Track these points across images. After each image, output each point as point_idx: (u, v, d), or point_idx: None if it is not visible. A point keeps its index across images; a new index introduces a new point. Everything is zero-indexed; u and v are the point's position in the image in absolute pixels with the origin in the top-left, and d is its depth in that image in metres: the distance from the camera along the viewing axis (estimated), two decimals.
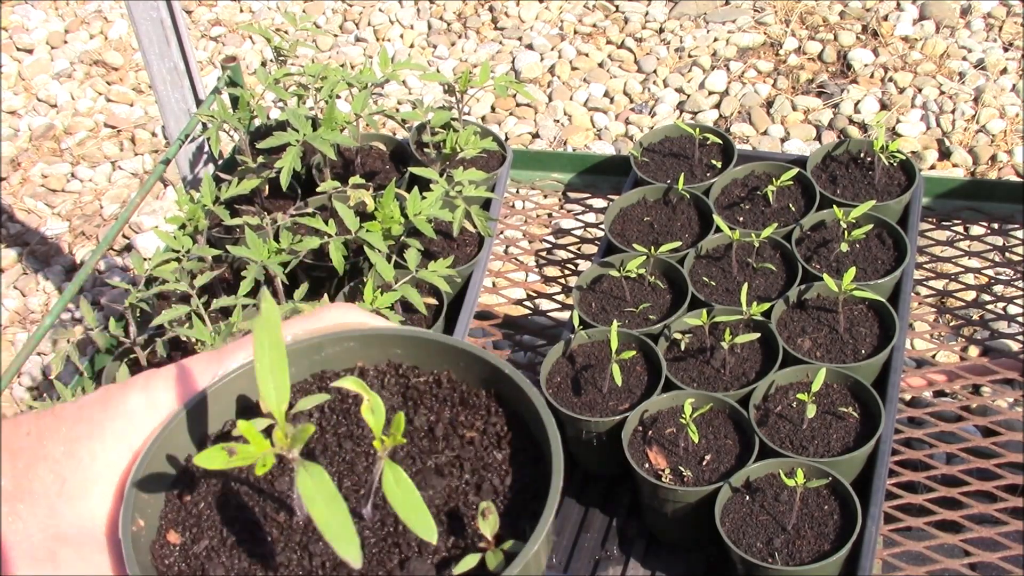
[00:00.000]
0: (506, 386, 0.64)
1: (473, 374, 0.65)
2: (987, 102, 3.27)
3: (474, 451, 0.63)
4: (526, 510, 0.59)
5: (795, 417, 1.58)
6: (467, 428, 0.64)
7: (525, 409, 0.63)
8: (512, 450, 0.63)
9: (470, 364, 0.65)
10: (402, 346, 0.65)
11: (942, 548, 1.62)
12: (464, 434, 0.63)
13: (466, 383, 0.65)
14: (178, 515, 0.60)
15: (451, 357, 0.65)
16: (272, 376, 0.57)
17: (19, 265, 3.26)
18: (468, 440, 0.63)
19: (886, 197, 1.90)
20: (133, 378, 0.60)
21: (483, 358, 0.64)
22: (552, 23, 3.95)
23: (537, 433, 0.62)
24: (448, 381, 0.65)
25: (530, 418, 0.63)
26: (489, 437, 0.63)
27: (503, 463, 0.62)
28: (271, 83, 1.92)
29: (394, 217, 1.65)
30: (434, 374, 0.66)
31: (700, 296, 1.76)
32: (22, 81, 3.97)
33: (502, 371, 0.63)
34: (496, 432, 0.63)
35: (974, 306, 2.16)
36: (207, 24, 4.19)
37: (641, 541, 1.66)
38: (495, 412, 0.64)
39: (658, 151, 2.06)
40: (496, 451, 0.63)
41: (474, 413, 0.64)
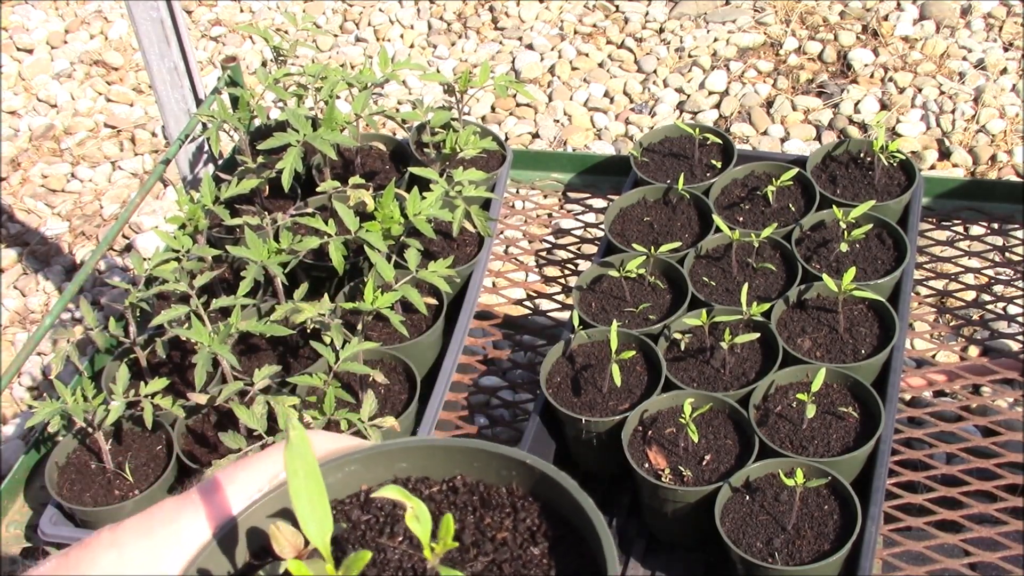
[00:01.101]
0: (527, 475, 0.60)
1: (490, 472, 0.61)
2: (987, 102, 3.27)
3: (509, 551, 0.59)
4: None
5: (795, 417, 1.58)
6: (496, 529, 0.60)
7: (553, 493, 0.60)
8: (550, 542, 0.59)
9: (484, 463, 0.61)
10: (407, 459, 0.61)
11: (942, 548, 1.62)
12: (495, 535, 0.59)
13: (483, 483, 0.62)
14: None
15: (462, 459, 0.62)
16: (311, 507, 0.53)
17: (19, 265, 3.26)
18: (501, 541, 0.59)
19: (886, 197, 1.90)
20: (96, 535, 0.55)
21: (497, 453, 0.61)
22: (552, 23, 3.95)
23: (574, 517, 0.59)
24: (464, 485, 0.62)
25: (562, 503, 0.59)
26: (521, 533, 0.60)
27: (543, 557, 0.58)
28: (271, 83, 1.92)
29: (394, 217, 1.65)
30: (447, 481, 0.62)
31: (700, 296, 1.76)
32: (22, 81, 3.97)
33: (520, 461, 0.60)
34: (528, 527, 0.60)
35: (974, 306, 2.16)
36: (207, 24, 4.19)
37: (641, 541, 1.66)
38: (521, 507, 0.61)
39: (658, 151, 2.06)
40: (532, 547, 0.59)
41: (499, 512, 0.61)
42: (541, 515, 0.60)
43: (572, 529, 0.59)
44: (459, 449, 0.61)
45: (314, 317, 1.57)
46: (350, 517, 0.60)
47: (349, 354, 1.52)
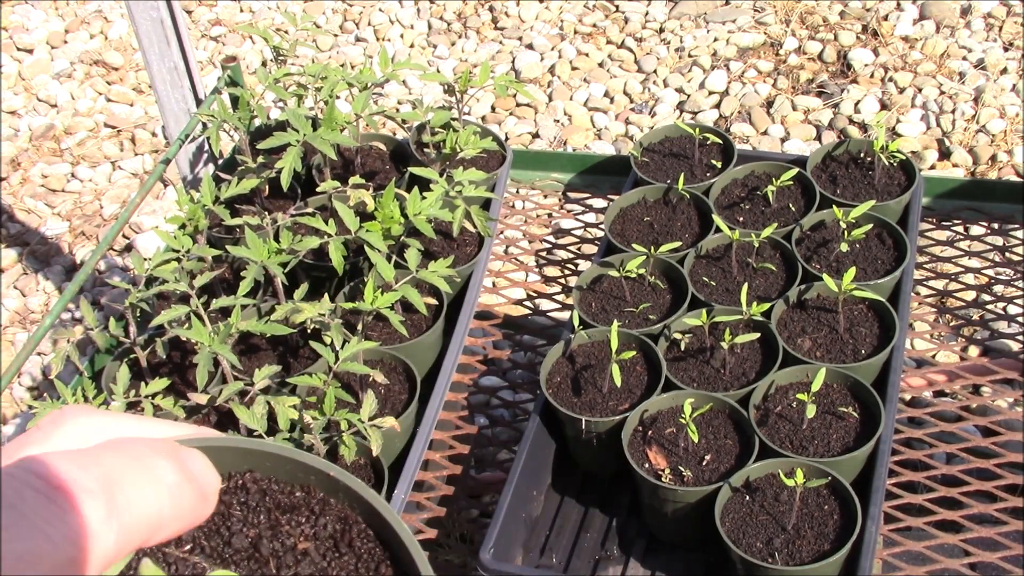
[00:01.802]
0: (324, 481, 0.54)
1: (281, 470, 0.55)
2: (987, 102, 3.27)
3: (312, 564, 0.53)
4: None
5: (795, 417, 1.58)
6: (295, 536, 0.54)
7: (354, 499, 0.54)
8: (356, 554, 0.54)
9: (275, 463, 0.55)
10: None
11: (942, 548, 1.62)
12: (295, 544, 0.54)
13: (276, 482, 0.55)
14: None
15: (251, 457, 0.55)
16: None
17: (19, 265, 3.26)
18: (302, 552, 0.54)
19: (886, 197, 1.90)
20: None
21: (283, 456, 0.54)
22: (552, 23, 3.95)
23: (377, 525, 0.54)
24: (255, 483, 0.56)
25: (361, 510, 0.54)
26: (324, 541, 0.54)
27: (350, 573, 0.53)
28: (271, 83, 1.92)
29: (394, 217, 1.65)
30: (237, 476, 0.55)
31: (700, 296, 1.76)
32: (22, 81, 3.97)
33: (312, 467, 0.54)
34: (330, 533, 0.54)
35: (974, 306, 2.16)
36: (207, 24, 4.19)
37: (641, 541, 1.66)
38: (320, 511, 0.55)
39: (658, 151, 2.06)
40: (337, 558, 0.54)
41: (298, 515, 0.55)
42: (344, 520, 0.55)
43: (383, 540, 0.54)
44: (249, 451, 0.55)
45: (314, 317, 1.57)
46: None
47: (349, 354, 1.52)
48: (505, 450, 2.12)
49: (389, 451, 1.62)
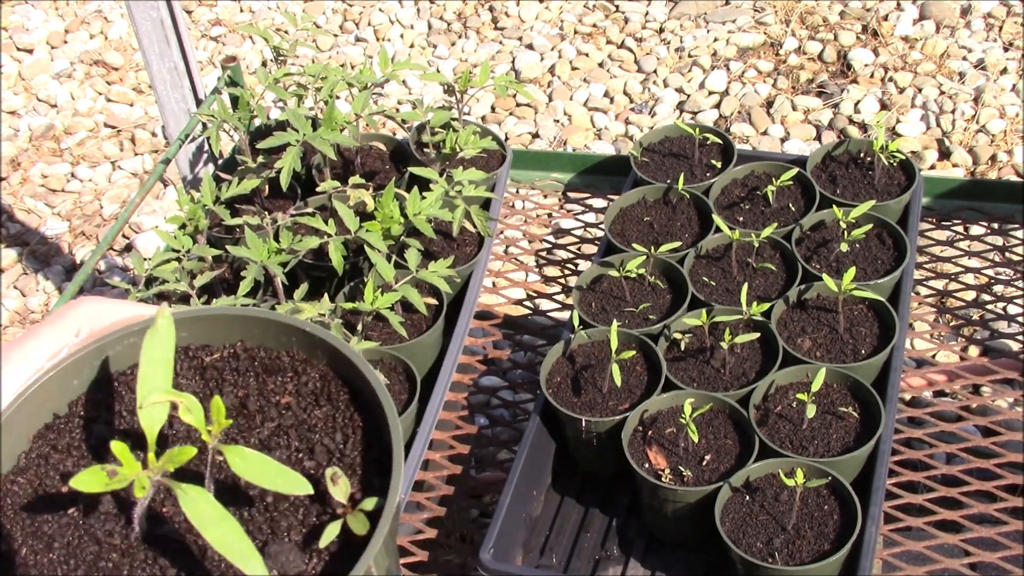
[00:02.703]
0: (305, 340, 0.61)
1: (269, 337, 0.62)
2: (987, 102, 3.27)
3: (293, 415, 0.60)
4: (368, 461, 0.57)
5: (795, 417, 1.58)
6: (279, 394, 0.61)
7: (333, 357, 0.60)
8: (333, 404, 0.60)
9: (263, 329, 0.62)
10: (187, 328, 0.62)
11: (942, 548, 1.62)
12: (278, 400, 0.60)
13: (263, 348, 0.62)
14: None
15: (240, 327, 0.62)
16: (152, 394, 0.54)
17: (19, 265, 3.26)
18: (284, 405, 0.60)
19: (886, 197, 1.90)
20: None
21: (270, 319, 0.61)
22: (552, 23, 3.95)
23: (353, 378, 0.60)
24: (244, 351, 0.62)
25: (341, 365, 0.60)
26: (305, 397, 0.60)
27: (327, 420, 0.59)
28: (271, 83, 1.92)
29: (394, 217, 1.65)
30: (228, 347, 0.63)
31: (700, 296, 1.76)
32: (22, 81, 3.97)
33: (294, 327, 0.61)
34: (311, 390, 0.61)
35: (974, 306, 2.16)
36: (207, 24, 4.19)
37: (641, 541, 1.66)
38: (303, 370, 0.61)
39: (658, 151, 2.06)
40: (316, 409, 0.60)
41: (282, 376, 0.61)
42: (324, 378, 0.61)
43: (356, 392, 0.60)
44: (236, 317, 0.62)
45: (314, 317, 1.57)
46: (132, 389, 0.60)
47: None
48: (505, 450, 2.12)
49: None
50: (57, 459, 0.59)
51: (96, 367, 0.61)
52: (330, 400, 0.60)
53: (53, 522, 0.56)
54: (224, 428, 0.55)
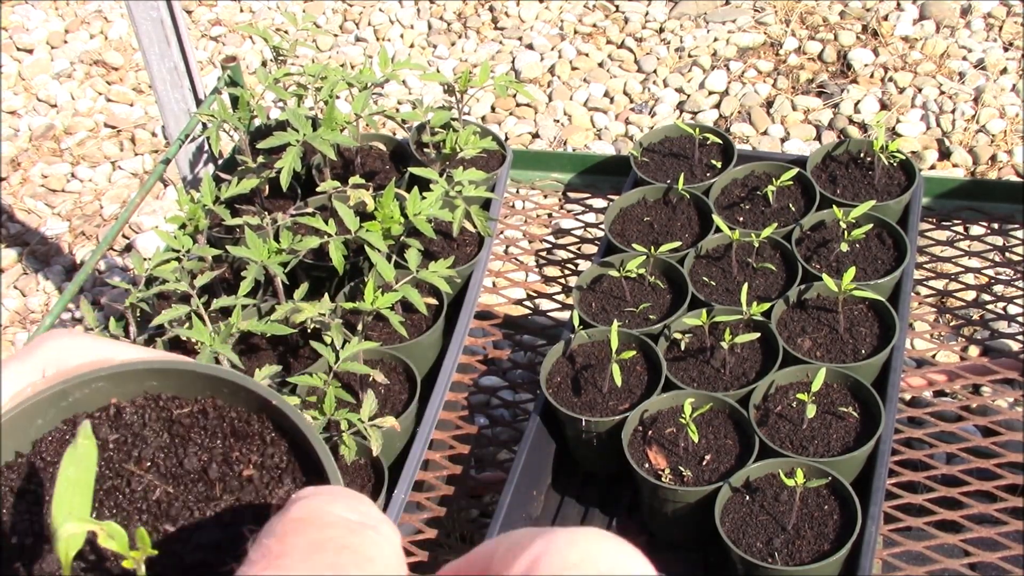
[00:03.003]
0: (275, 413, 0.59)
1: (240, 399, 0.60)
2: (987, 102, 3.27)
3: (255, 491, 0.58)
4: None
5: (795, 417, 1.58)
6: (243, 463, 0.59)
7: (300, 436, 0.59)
8: (296, 483, 0.58)
9: (234, 391, 0.60)
10: (158, 378, 0.60)
11: (942, 548, 1.62)
12: (241, 471, 0.58)
13: (235, 409, 0.60)
14: None
15: (213, 384, 0.60)
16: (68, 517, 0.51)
17: (19, 265, 3.26)
18: (247, 479, 0.58)
19: (886, 197, 1.90)
20: None
21: (245, 386, 0.59)
22: (552, 23, 3.95)
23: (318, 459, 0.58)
24: (215, 408, 0.61)
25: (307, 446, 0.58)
26: (270, 471, 0.59)
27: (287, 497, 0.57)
28: (271, 83, 1.92)
29: (394, 217, 1.65)
30: (199, 402, 0.61)
31: (700, 296, 1.76)
32: (22, 81, 3.97)
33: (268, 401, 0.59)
34: (276, 464, 0.59)
35: (974, 306, 2.16)
36: (207, 24, 4.19)
37: (641, 541, 1.66)
38: (271, 441, 0.59)
39: (658, 151, 2.06)
40: (278, 488, 0.58)
41: (249, 444, 0.59)
42: (288, 453, 0.59)
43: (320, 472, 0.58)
44: (209, 376, 0.60)
45: (314, 317, 1.57)
46: (99, 435, 0.58)
47: (349, 354, 1.52)
48: (505, 450, 2.12)
49: (389, 451, 1.62)
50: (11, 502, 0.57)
51: (62, 408, 0.59)
52: (294, 479, 0.59)
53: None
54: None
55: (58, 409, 0.58)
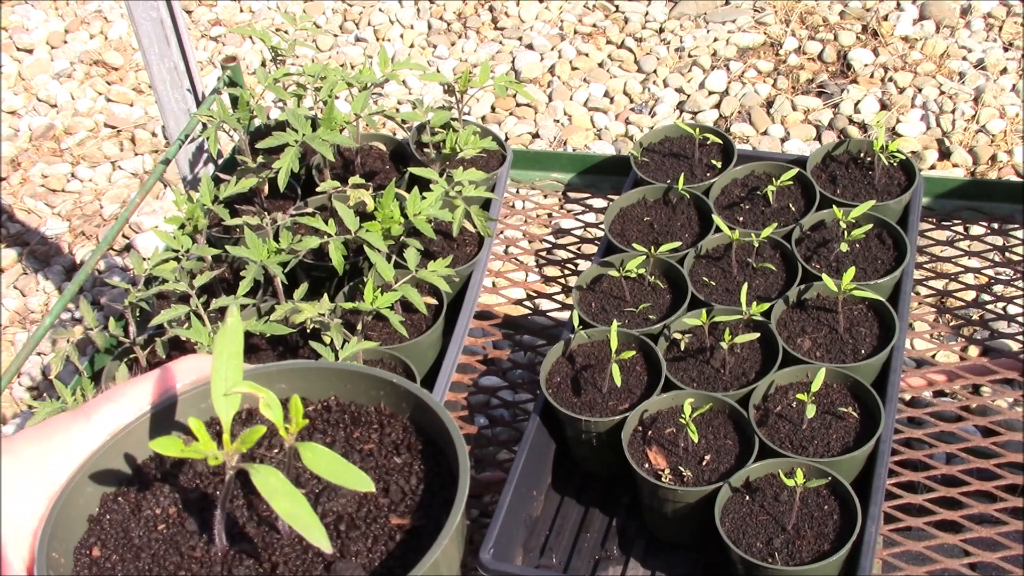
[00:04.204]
0: (392, 391, 0.67)
1: (360, 392, 0.68)
2: (987, 102, 3.27)
3: (374, 460, 0.65)
4: (438, 500, 0.62)
5: (795, 417, 1.58)
6: (363, 442, 0.66)
7: (418, 411, 0.66)
8: (412, 453, 0.65)
9: (355, 383, 0.68)
10: (286, 380, 0.68)
11: (942, 548, 1.62)
12: (362, 447, 0.66)
13: (354, 403, 0.68)
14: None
15: (335, 381, 0.69)
16: (225, 384, 0.59)
17: (19, 265, 3.26)
18: (367, 452, 0.65)
19: (886, 197, 1.90)
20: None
21: (363, 373, 0.68)
22: (552, 23, 3.95)
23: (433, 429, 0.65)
24: (337, 405, 0.68)
25: (424, 418, 0.66)
26: (386, 446, 0.66)
27: (404, 466, 0.64)
28: (271, 83, 1.92)
29: (394, 217, 1.65)
30: (322, 401, 0.69)
31: (700, 296, 1.76)
32: (22, 81, 3.97)
33: (385, 380, 0.67)
34: (393, 440, 0.66)
35: (974, 306, 2.16)
36: (207, 24, 4.19)
37: (641, 541, 1.66)
38: (387, 423, 0.67)
39: (658, 151, 2.06)
40: (396, 456, 0.65)
41: (367, 428, 0.67)
42: (405, 430, 0.67)
43: (433, 443, 0.66)
44: (332, 371, 0.69)
45: (314, 317, 1.57)
46: (233, 433, 0.65)
47: (349, 354, 1.52)
48: (505, 450, 2.12)
49: None
50: (156, 485, 0.65)
51: (201, 409, 0.66)
52: (409, 450, 0.66)
53: (144, 536, 0.62)
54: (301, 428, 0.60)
55: (199, 410, 0.66)
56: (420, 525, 0.61)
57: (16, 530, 0.58)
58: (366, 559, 0.59)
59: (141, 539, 0.62)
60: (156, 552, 0.61)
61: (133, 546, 0.62)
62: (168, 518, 0.63)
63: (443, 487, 0.63)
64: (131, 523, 0.63)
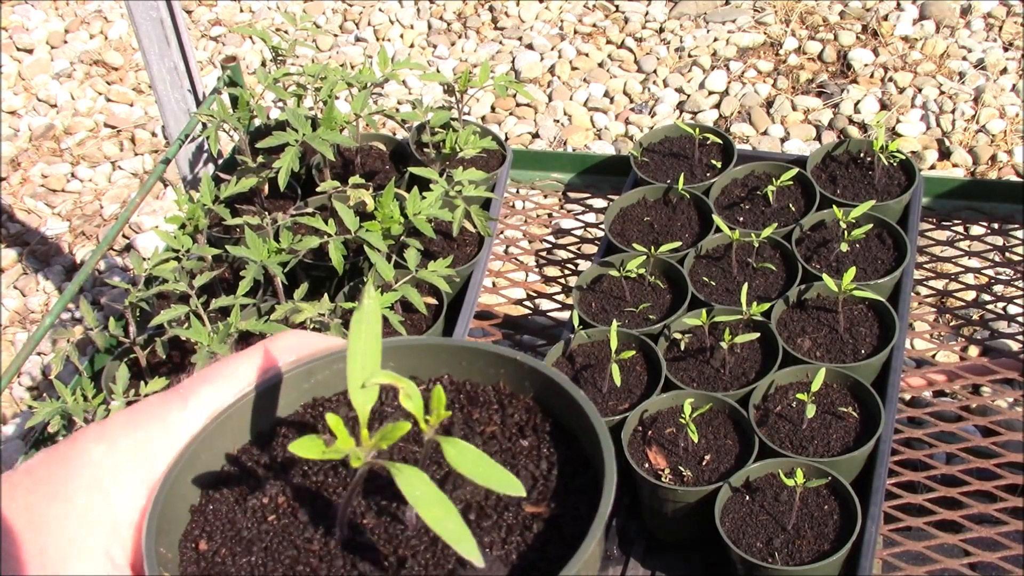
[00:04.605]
0: (514, 369, 0.61)
1: (476, 370, 0.62)
2: (987, 102, 3.27)
3: (498, 444, 0.60)
4: (573, 486, 0.57)
5: (795, 417, 1.58)
6: (484, 424, 0.61)
7: (544, 390, 0.60)
8: (538, 435, 0.60)
9: (471, 360, 0.62)
10: (395, 357, 0.62)
11: (942, 548, 1.62)
12: (483, 430, 0.61)
13: (469, 382, 0.63)
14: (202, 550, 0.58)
15: (448, 358, 0.63)
16: (363, 372, 0.54)
17: (19, 265, 3.26)
18: (489, 435, 0.60)
19: (886, 197, 1.90)
20: (83, 431, 0.57)
21: (481, 349, 0.62)
22: (552, 23, 3.95)
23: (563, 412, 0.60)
24: (451, 384, 0.63)
25: (551, 398, 0.60)
26: (509, 428, 0.60)
27: (532, 450, 0.59)
28: (271, 83, 1.92)
29: (394, 217, 1.65)
30: (434, 380, 0.63)
31: (700, 296, 1.76)
32: (22, 81, 3.97)
33: (505, 356, 0.61)
34: (516, 422, 0.61)
35: (974, 306, 2.16)
36: (207, 24, 4.19)
37: (641, 541, 1.66)
38: (508, 403, 0.61)
39: (658, 151, 2.06)
40: (522, 439, 0.60)
41: (487, 409, 0.61)
42: (529, 411, 0.61)
43: (560, 424, 0.60)
44: (446, 347, 0.62)
45: (314, 317, 1.57)
46: (338, 413, 0.61)
47: None
48: None
49: None
50: (261, 473, 0.60)
51: (304, 389, 0.62)
52: (535, 431, 0.60)
53: (253, 528, 0.57)
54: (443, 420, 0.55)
55: (300, 391, 0.61)
56: (558, 514, 0.55)
57: (117, 525, 0.54)
58: (502, 551, 0.54)
59: (250, 531, 0.57)
60: (268, 545, 0.56)
61: (242, 538, 0.57)
62: (277, 508, 0.58)
63: (576, 473, 0.58)
64: (237, 514, 0.58)
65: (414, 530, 0.56)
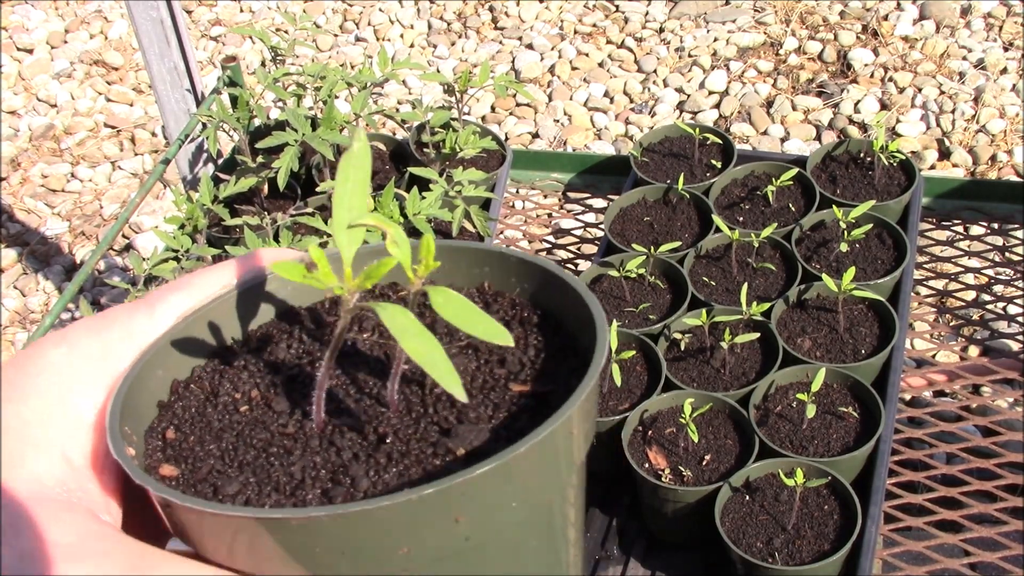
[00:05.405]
0: (501, 267, 0.60)
1: (459, 272, 0.61)
2: (987, 102, 3.27)
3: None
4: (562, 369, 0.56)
5: (795, 417, 1.58)
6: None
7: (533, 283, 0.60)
8: (525, 327, 0.59)
9: (454, 260, 0.61)
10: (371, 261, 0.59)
11: (942, 548, 1.62)
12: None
13: (452, 284, 0.61)
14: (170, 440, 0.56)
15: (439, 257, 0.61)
16: (348, 215, 0.52)
17: (19, 265, 3.26)
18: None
19: (886, 197, 1.90)
20: (44, 336, 0.56)
21: (463, 247, 0.60)
22: (552, 23, 3.95)
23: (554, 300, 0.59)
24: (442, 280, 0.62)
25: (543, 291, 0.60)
26: (498, 317, 0.59)
27: (519, 339, 0.58)
28: (271, 83, 1.92)
29: (393, 217, 1.65)
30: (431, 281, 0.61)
31: (700, 296, 1.76)
32: (22, 81, 3.97)
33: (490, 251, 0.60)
34: (501, 317, 0.60)
35: (974, 306, 2.16)
36: (207, 24, 4.19)
37: (641, 541, 1.66)
38: (492, 301, 0.61)
39: (658, 151, 2.06)
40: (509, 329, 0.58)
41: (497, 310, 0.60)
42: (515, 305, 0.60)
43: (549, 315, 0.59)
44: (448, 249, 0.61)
45: None
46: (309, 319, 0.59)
47: None
48: None
49: None
50: (231, 373, 0.58)
51: (278, 300, 0.60)
52: (522, 324, 0.59)
53: (224, 419, 0.56)
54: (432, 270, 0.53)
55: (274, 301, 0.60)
56: (546, 391, 0.54)
57: (76, 425, 0.52)
58: (488, 424, 0.53)
59: (221, 422, 0.55)
60: (241, 432, 0.55)
61: (213, 428, 0.55)
62: (251, 400, 0.56)
63: (566, 357, 0.56)
64: (208, 408, 0.56)
65: (395, 410, 0.54)
